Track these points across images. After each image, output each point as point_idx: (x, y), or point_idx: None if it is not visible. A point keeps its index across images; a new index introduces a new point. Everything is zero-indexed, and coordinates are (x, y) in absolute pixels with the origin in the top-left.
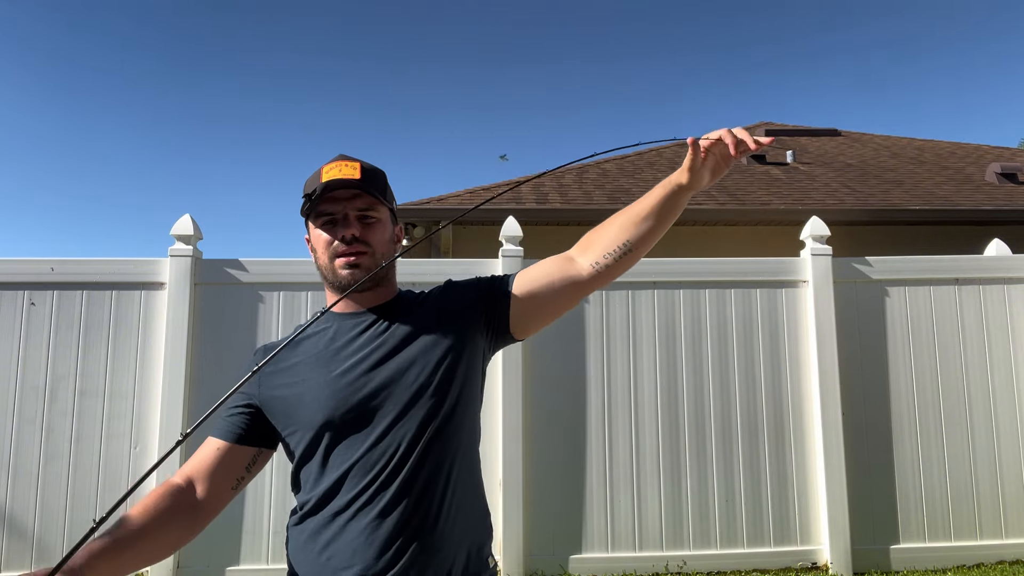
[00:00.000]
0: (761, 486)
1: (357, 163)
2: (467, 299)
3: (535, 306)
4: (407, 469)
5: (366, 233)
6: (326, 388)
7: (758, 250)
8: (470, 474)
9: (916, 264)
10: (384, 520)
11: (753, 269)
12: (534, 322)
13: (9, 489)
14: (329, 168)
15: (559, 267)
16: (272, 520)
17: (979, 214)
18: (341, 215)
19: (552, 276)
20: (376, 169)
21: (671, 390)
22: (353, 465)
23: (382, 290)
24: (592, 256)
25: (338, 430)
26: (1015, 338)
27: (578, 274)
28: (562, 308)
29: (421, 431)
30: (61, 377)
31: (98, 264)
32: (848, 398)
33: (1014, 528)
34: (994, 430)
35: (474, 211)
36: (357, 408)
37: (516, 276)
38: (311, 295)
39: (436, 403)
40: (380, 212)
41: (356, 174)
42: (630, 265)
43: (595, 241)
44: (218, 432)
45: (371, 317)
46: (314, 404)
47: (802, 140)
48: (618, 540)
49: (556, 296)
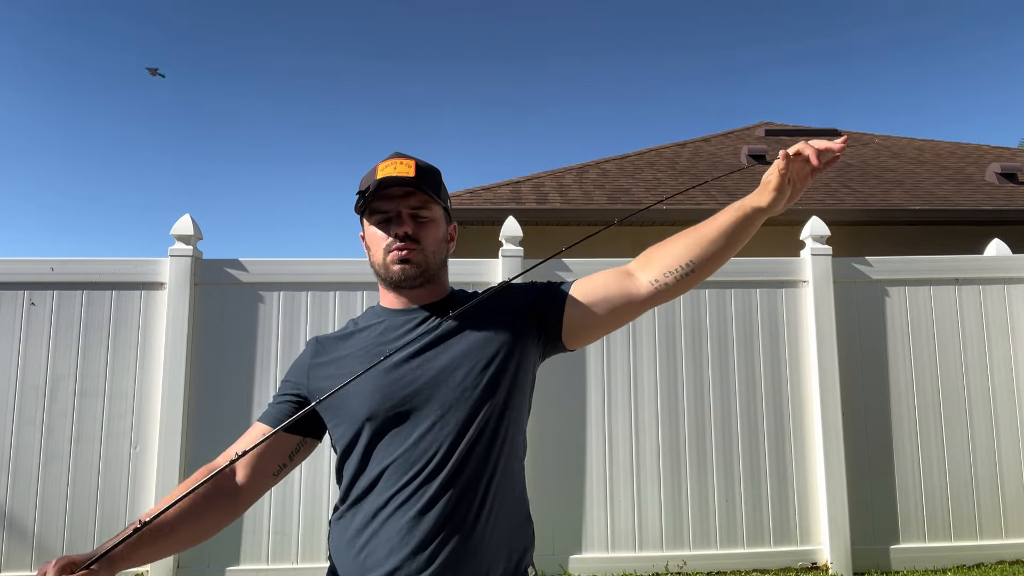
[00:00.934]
0: (761, 486)
1: (412, 161)
2: (521, 303)
3: (589, 319)
4: (448, 469)
5: (419, 231)
6: (372, 382)
7: (758, 250)
8: (512, 481)
9: (916, 264)
10: (422, 519)
11: (753, 269)
12: (587, 334)
13: (9, 489)
14: (384, 166)
15: (617, 282)
16: (272, 520)
17: (979, 214)
18: (395, 213)
19: (609, 290)
20: (430, 167)
21: (671, 390)
22: (394, 461)
23: (433, 288)
24: (652, 274)
25: (381, 425)
26: (1015, 338)
27: (636, 291)
28: (616, 323)
29: (464, 431)
30: (61, 377)
31: (98, 264)
32: (848, 398)
33: (1014, 528)
34: (994, 430)
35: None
36: (401, 404)
37: (573, 285)
38: (311, 295)
39: (481, 405)
40: (433, 211)
41: (410, 172)
42: (691, 287)
43: (657, 258)
44: (265, 418)
45: (423, 314)
46: (359, 398)
47: (802, 140)
48: (618, 540)
49: (611, 311)
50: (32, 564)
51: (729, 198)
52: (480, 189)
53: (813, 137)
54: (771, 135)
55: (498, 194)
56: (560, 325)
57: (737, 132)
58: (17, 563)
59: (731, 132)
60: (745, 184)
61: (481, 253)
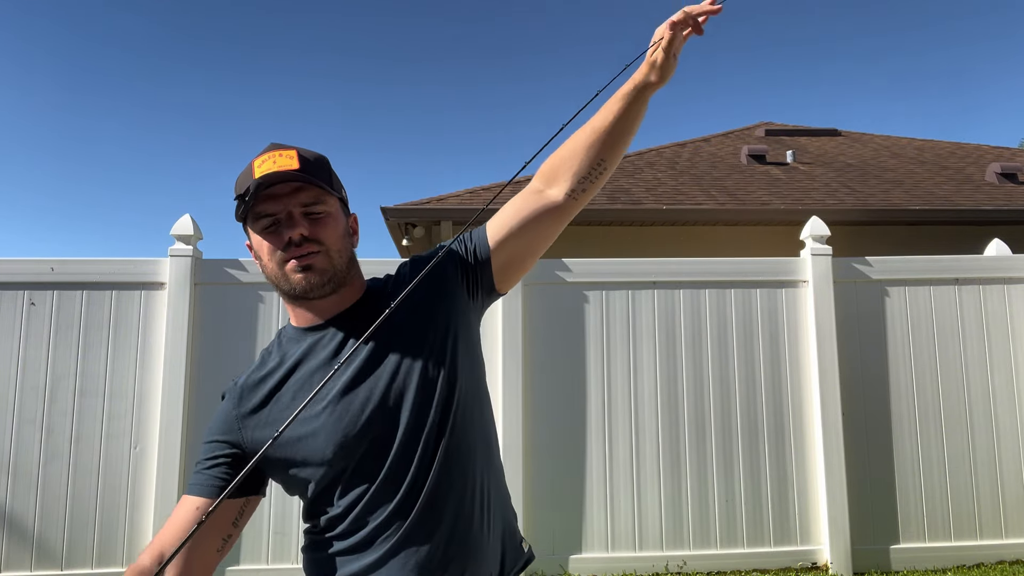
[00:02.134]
0: (761, 486)
1: (293, 151)
2: (444, 273)
3: (516, 251)
4: (433, 482)
5: (316, 230)
6: (326, 418)
7: (758, 250)
8: (494, 461)
9: (916, 264)
10: (423, 544)
11: (753, 269)
12: (518, 269)
13: (9, 489)
14: (261, 161)
15: (529, 203)
16: (272, 520)
17: (979, 214)
18: (284, 214)
19: (523, 214)
20: (317, 155)
21: (671, 390)
22: (377, 490)
23: (347, 292)
24: (565, 184)
25: (352, 458)
26: (1015, 338)
27: (554, 207)
28: (542, 245)
29: (439, 435)
30: (61, 377)
31: (98, 264)
32: (848, 398)
33: (1014, 528)
34: (994, 430)
35: (474, 211)
36: (366, 431)
37: (485, 227)
38: None
39: (446, 400)
40: (329, 204)
41: (294, 164)
42: (603, 183)
43: (563, 167)
44: (196, 489)
45: (345, 326)
46: (319, 437)
47: (802, 140)
48: (618, 540)
49: (535, 232)
50: (32, 564)
51: (729, 198)
52: (480, 189)
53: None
54: (771, 135)
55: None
56: (491, 277)
57: (737, 132)
58: (17, 563)
59: (731, 132)
60: (745, 183)
61: None
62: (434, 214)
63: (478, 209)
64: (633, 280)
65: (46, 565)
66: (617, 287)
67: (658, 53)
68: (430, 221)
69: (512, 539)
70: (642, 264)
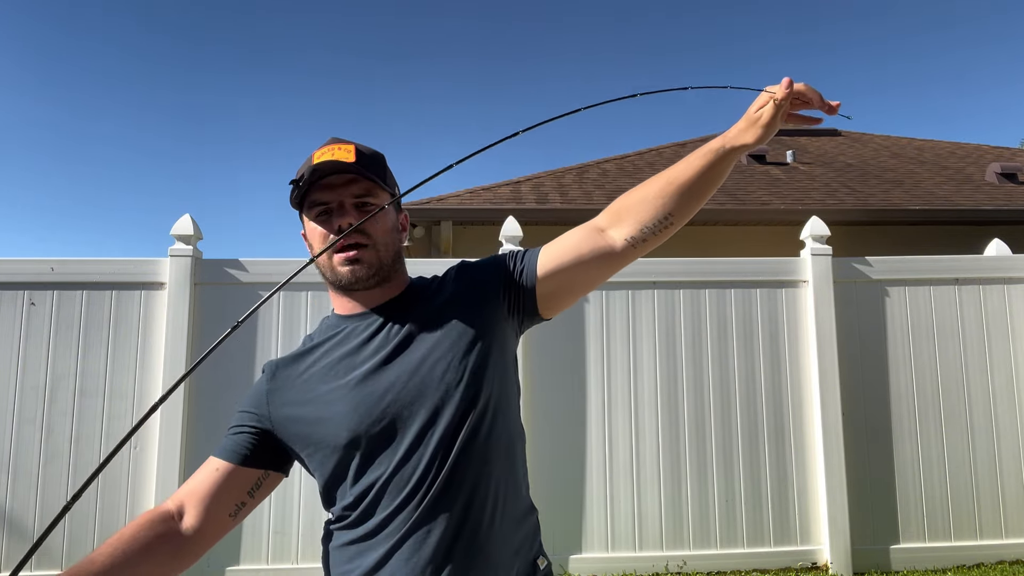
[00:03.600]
0: (761, 486)
1: (351, 145)
2: (488, 283)
3: (564, 284)
4: (443, 481)
5: (365, 223)
6: (345, 402)
7: (758, 250)
8: (514, 474)
9: (916, 264)
10: (426, 541)
11: (753, 269)
12: (563, 301)
13: (9, 489)
14: (320, 152)
15: (590, 242)
16: (272, 520)
17: (979, 214)
18: (336, 204)
19: (582, 253)
20: (374, 151)
21: (671, 390)
22: (386, 482)
23: (391, 286)
24: (627, 229)
25: (366, 445)
26: (1015, 338)
27: (611, 250)
28: (592, 286)
29: (455, 433)
30: (61, 377)
31: (98, 264)
32: (848, 398)
33: (1014, 528)
34: (994, 430)
35: (474, 211)
36: (382, 418)
37: (541, 252)
38: (311, 295)
39: (468, 401)
40: (380, 198)
41: (350, 157)
42: (667, 237)
43: (631, 211)
44: (220, 451)
45: (382, 317)
46: (335, 421)
47: (802, 140)
48: (618, 540)
49: (586, 275)
50: (32, 564)
51: (729, 198)
52: (480, 189)
53: (813, 136)
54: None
55: (498, 194)
56: (534, 299)
57: None
58: (17, 563)
59: None
60: (745, 183)
61: (481, 253)
62: (434, 214)
63: (478, 209)
64: (633, 280)
65: (46, 565)
66: (617, 287)
67: (766, 111)
68: (430, 221)
69: (528, 553)
70: (642, 264)
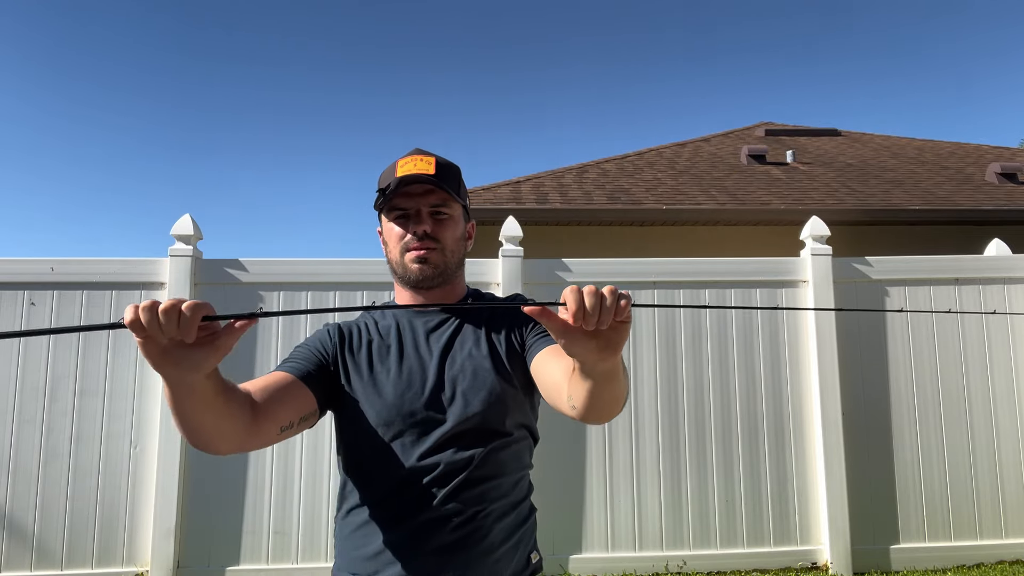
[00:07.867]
0: (761, 486)
1: (432, 158)
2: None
3: (536, 380)
4: (464, 477)
5: (438, 229)
6: (389, 386)
7: (758, 250)
8: (525, 477)
9: (916, 264)
10: (435, 528)
11: (753, 269)
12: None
13: (9, 489)
14: (404, 162)
15: (560, 383)
16: (272, 520)
17: (979, 214)
18: (414, 211)
19: (549, 387)
20: (451, 164)
21: (671, 390)
22: (410, 468)
23: (450, 288)
24: (574, 401)
25: (397, 430)
26: (1015, 338)
27: (563, 403)
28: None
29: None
30: (61, 377)
31: (98, 264)
32: (848, 398)
33: (1014, 528)
34: (994, 430)
35: (474, 211)
36: (419, 409)
37: (540, 348)
38: (311, 295)
39: (500, 409)
40: (453, 209)
41: (431, 169)
42: (604, 406)
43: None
44: (286, 366)
45: (440, 316)
46: (374, 399)
47: (802, 140)
48: (618, 540)
49: (546, 395)
50: (32, 564)
51: (729, 198)
52: (480, 189)
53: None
54: (771, 135)
55: (498, 194)
56: (528, 367)
57: (737, 132)
58: (17, 563)
59: (731, 132)
60: (745, 183)
61: (481, 253)
62: None
63: (478, 209)
64: (633, 280)
65: (46, 565)
66: (617, 287)
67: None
68: None
69: (524, 549)
70: (642, 264)
